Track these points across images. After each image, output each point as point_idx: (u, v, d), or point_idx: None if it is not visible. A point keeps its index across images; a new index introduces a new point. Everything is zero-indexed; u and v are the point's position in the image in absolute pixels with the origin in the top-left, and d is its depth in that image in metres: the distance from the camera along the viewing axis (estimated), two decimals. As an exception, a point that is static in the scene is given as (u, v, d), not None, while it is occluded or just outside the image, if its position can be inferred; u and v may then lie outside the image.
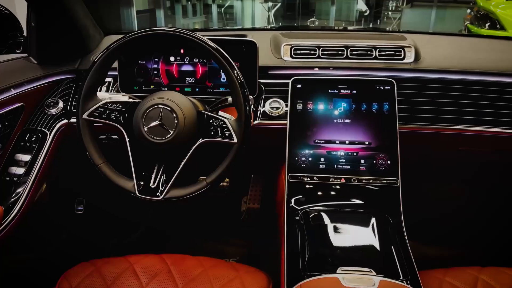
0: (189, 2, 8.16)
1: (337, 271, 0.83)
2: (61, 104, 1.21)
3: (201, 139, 0.95)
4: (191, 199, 0.97)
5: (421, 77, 1.21)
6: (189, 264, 1.04)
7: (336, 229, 0.97)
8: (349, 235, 0.96)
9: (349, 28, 3.50)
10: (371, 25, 8.11)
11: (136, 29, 0.95)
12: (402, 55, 1.23)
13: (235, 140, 0.93)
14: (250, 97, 0.97)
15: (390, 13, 8.86)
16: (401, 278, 0.83)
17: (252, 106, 0.97)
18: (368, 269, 0.83)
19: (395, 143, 1.07)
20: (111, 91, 1.22)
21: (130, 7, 5.18)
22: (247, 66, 1.14)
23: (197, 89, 1.20)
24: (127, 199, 0.98)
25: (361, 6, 8.18)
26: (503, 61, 1.27)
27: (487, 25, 4.31)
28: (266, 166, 1.36)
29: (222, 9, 8.35)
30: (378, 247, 0.92)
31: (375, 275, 0.82)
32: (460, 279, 0.98)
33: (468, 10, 5.21)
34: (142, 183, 0.97)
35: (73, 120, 1.20)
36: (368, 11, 8.19)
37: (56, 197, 1.37)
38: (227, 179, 1.68)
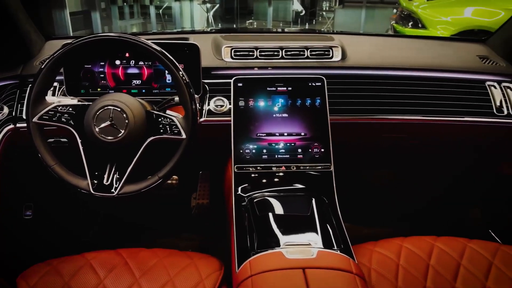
0: (125, 4, 8.00)
1: (281, 246, 0.94)
2: (6, 110, 1.21)
3: (151, 137, 1.02)
4: (144, 193, 1.03)
5: (348, 73, 1.36)
6: (144, 255, 1.10)
7: (279, 211, 1.08)
8: (291, 215, 1.07)
9: (285, 30, 3.68)
10: (307, 25, 8.44)
11: (71, 33, 0.99)
12: (331, 54, 1.37)
13: (184, 136, 1.00)
14: (196, 96, 1.05)
15: (324, 13, 9.27)
16: (335, 247, 0.96)
17: (197, 105, 1.05)
18: (307, 243, 0.95)
19: (327, 133, 1.21)
20: (57, 95, 1.24)
21: (63, 9, 5.00)
22: (191, 68, 1.22)
23: (143, 91, 1.26)
24: (78, 201, 1.02)
25: (297, 7, 8.49)
26: (420, 58, 1.45)
27: (410, 24, 4.68)
28: (214, 161, 1.44)
29: (160, 10, 8.27)
30: (316, 224, 1.04)
31: (313, 247, 0.93)
32: (387, 249, 1.13)
33: (394, 10, 5.62)
34: (96, 181, 1.01)
35: (20, 125, 1.21)
36: (303, 12, 8.52)
37: (3, 203, 1.36)
38: (176, 177, 1.74)
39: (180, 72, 1.00)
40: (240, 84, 1.23)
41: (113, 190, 1.01)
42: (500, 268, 1.07)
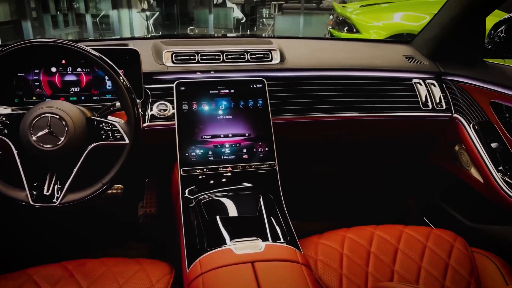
0: (59, 12, 7.66)
1: (230, 243, 0.96)
2: None
3: (93, 143, 1.00)
4: (88, 202, 1.01)
5: (286, 75, 1.41)
6: (91, 266, 1.07)
7: (227, 210, 1.10)
8: (239, 213, 1.10)
9: (225, 35, 3.73)
10: (248, 32, 8.57)
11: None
12: (270, 57, 1.42)
13: (127, 141, 1.00)
14: (138, 100, 1.05)
15: (264, 20, 9.46)
16: (282, 241, 1.00)
17: (140, 110, 1.05)
18: (256, 238, 0.98)
19: (270, 133, 1.25)
20: None
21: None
22: (132, 73, 1.21)
23: (83, 98, 1.23)
24: (15, 216, 0.98)
25: (237, 14, 8.60)
26: (352, 59, 1.54)
27: (345, 29, 4.90)
28: (160, 167, 1.44)
29: (97, 18, 8.01)
30: (264, 220, 1.08)
31: (261, 241, 0.96)
32: (331, 240, 1.19)
33: (330, 16, 5.86)
34: (35, 192, 0.98)
35: None
36: (244, 19, 8.64)
37: None
38: (121, 186, 1.71)
39: (121, 77, 1.00)
40: (182, 88, 1.24)
41: (54, 200, 0.98)
42: (433, 249, 1.16)
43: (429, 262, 1.13)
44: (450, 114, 1.44)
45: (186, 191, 1.16)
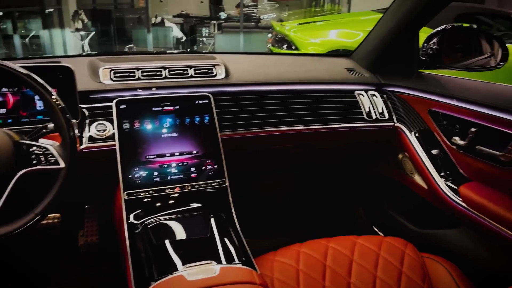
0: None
1: (182, 269, 0.89)
2: None
3: (22, 170, 0.90)
4: (20, 235, 0.90)
5: (233, 90, 1.39)
6: None
7: (177, 233, 1.04)
8: (190, 236, 1.04)
9: (166, 51, 3.66)
10: (188, 50, 8.52)
11: None
12: (214, 72, 1.38)
13: (62, 165, 0.91)
14: (74, 121, 0.97)
15: (205, 39, 9.48)
16: (237, 261, 0.95)
17: (76, 131, 0.96)
18: (209, 261, 0.92)
19: (219, 149, 1.21)
20: None
21: None
22: (66, 92, 1.12)
23: (9, 121, 1.11)
24: None
25: (177, 33, 8.53)
26: (296, 73, 1.55)
27: (284, 46, 5.02)
28: (100, 191, 1.34)
29: (27, 39, 7.57)
30: (216, 241, 1.02)
31: (215, 264, 0.91)
32: (286, 256, 1.16)
33: (269, 35, 5.97)
34: None
35: None
36: (184, 38, 8.59)
37: None
38: (57, 215, 1.57)
39: (53, 96, 0.91)
40: (123, 106, 1.16)
41: None
42: (386, 258, 1.17)
43: (383, 270, 1.14)
44: (392, 124, 1.49)
45: (131, 216, 1.08)
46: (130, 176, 1.11)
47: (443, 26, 1.42)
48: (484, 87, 1.34)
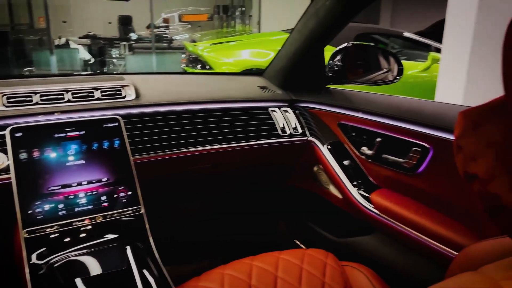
0: None
1: None
2: None
3: None
4: None
5: (144, 112, 1.33)
6: None
7: (90, 269, 0.95)
8: (105, 270, 0.95)
9: (70, 73, 3.44)
10: (98, 72, 8.14)
11: None
12: (123, 94, 1.32)
13: None
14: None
15: (115, 60, 9.13)
16: None
17: None
18: None
19: (131, 174, 1.14)
20: None
21: None
22: None
23: None
24: None
25: (84, 55, 8.13)
26: (211, 91, 1.54)
27: (198, 66, 5.01)
28: None
29: None
30: (134, 273, 0.95)
31: None
32: (210, 281, 1.12)
33: (183, 55, 5.93)
34: None
35: None
36: (92, 59, 8.20)
37: None
38: None
39: None
40: (19, 134, 1.05)
41: None
42: (309, 270, 1.18)
43: (307, 283, 1.15)
44: (306, 138, 1.53)
45: (33, 256, 0.97)
46: (30, 212, 1.00)
47: (345, 44, 1.51)
48: (386, 100, 1.45)
